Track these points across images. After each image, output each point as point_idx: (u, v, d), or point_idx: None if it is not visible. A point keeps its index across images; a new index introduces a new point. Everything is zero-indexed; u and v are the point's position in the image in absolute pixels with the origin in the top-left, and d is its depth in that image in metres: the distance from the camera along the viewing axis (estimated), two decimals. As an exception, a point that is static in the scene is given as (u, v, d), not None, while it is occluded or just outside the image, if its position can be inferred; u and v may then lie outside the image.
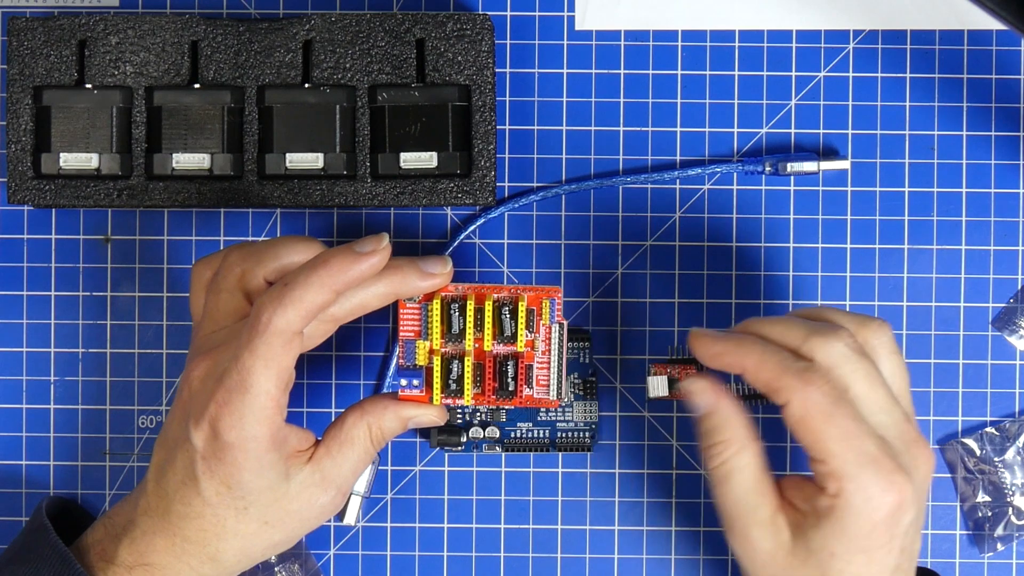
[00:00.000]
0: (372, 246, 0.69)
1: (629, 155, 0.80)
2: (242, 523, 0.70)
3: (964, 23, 0.80)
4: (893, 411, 0.68)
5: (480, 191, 0.78)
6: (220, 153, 0.78)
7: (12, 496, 0.80)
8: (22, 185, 0.78)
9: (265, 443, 0.69)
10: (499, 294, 0.73)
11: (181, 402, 0.71)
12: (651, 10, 0.80)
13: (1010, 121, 0.80)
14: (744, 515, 0.68)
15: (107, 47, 0.78)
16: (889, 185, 0.80)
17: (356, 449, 0.72)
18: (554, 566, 0.80)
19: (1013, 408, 0.80)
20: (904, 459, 0.67)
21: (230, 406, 0.68)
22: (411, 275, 0.71)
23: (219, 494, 0.69)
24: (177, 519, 0.70)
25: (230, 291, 0.71)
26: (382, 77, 0.78)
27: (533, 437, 0.78)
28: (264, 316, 0.67)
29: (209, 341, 0.71)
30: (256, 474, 0.69)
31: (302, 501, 0.71)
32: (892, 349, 0.70)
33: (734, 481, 0.69)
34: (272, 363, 0.68)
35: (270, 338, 0.67)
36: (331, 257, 0.68)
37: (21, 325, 0.80)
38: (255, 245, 0.72)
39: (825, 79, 0.80)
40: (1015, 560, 0.80)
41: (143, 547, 0.71)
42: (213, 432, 0.68)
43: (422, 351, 0.73)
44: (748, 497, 0.68)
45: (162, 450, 0.71)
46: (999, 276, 0.80)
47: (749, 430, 0.69)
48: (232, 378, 0.68)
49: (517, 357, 0.73)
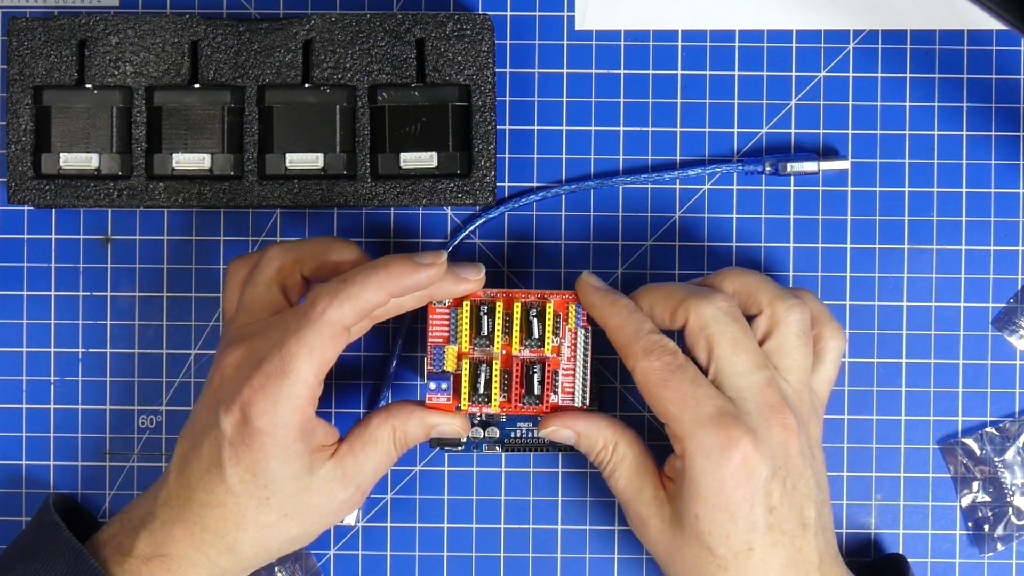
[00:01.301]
0: (432, 259, 0.71)
1: (629, 155, 0.80)
2: (263, 513, 0.71)
3: (964, 23, 0.80)
4: (752, 375, 0.70)
5: (480, 191, 0.78)
6: (220, 153, 0.78)
7: (12, 496, 0.80)
8: (22, 185, 0.78)
9: (294, 432, 0.69)
10: (526, 298, 0.74)
11: (211, 390, 0.71)
12: (651, 10, 0.80)
13: (1010, 121, 0.80)
14: (632, 499, 0.73)
15: (107, 47, 0.78)
16: (889, 185, 0.80)
17: (379, 450, 0.73)
18: (554, 566, 0.80)
19: (1013, 408, 0.80)
20: (753, 419, 0.70)
21: (265, 390, 0.68)
22: (447, 280, 0.72)
23: (243, 481, 0.70)
24: (198, 507, 0.71)
25: (267, 284, 0.73)
26: (382, 77, 0.78)
27: (533, 437, 0.78)
28: (320, 305, 0.69)
29: (244, 332, 0.72)
30: (282, 462, 0.70)
31: (322, 496, 0.71)
32: (798, 331, 0.72)
33: (618, 473, 0.73)
34: (317, 352, 0.69)
35: (321, 328, 0.69)
36: (392, 262, 0.70)
37: (21, 325, 0.80)
38: (296, 242, 0.74)
39: (825, 79, 0.80)
40: (1015, 560, 0.80)
41: (161, 537, 0.71)
42: (244, 417, 0.69)
43: (450, 356, 0.74)
44: (632, 481, 0.73)
45: (187, 440, 0.72)
46: (999, 276, 0.80)
47: (614, 427, 0.74)
48: (273, 363, 0.69)
49: (543, 363, 0.74)
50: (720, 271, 0.74)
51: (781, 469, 0.70)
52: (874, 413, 0.80)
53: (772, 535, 0.70)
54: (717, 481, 0.69)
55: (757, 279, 0.73)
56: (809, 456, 0.71)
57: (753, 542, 0.70)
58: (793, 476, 0.70)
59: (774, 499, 0.70)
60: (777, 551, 0.70)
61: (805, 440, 0.71)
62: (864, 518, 0.80)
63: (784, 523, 0.70)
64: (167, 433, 0.80)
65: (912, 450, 0.80)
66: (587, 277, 0.74)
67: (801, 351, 0.72)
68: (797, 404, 0.72)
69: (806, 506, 0.71)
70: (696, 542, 0.70)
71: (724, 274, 0.74)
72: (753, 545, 0.70)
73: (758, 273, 0.74)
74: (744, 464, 0.69)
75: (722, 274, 0.74)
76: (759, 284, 0.73)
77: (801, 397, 0.72)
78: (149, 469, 0.80)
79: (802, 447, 0.71)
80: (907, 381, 0.80)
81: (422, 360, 0.75)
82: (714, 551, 0.70)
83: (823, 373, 0.74)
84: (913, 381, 0.80)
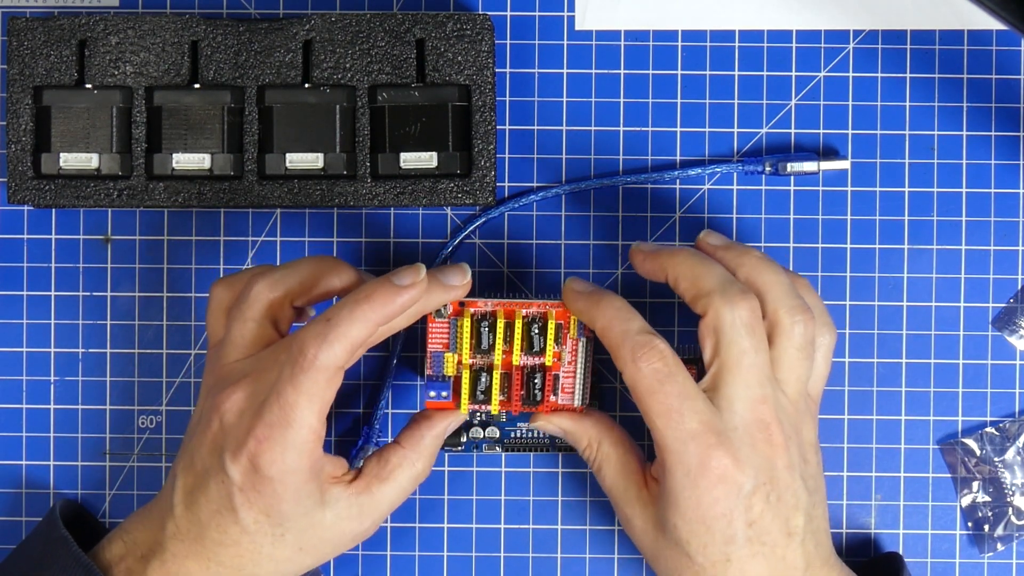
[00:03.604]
0: (411, 279, 0.69)
1: (629, 155, 0.80)
2: (278, 549, 0.70)
3: (964, 23, 0.80)
4: (750, 389, 0.70)
5: (480, 191, 0.78)
6: (220, 153, 0.78)
7: (12, 496, 0.80)
8: (22, 185, 0.78)
9: (305, 475, 0.69)
10: (528, 309, 0.74)
11: (211, 432, 0.70)
12: (651, 10, 0.80)
13: (1010, 121, 0.80)
14: (618, 497, 0.73)
15: (107, 47, 0.78)
16: (889, 185, 0.80)
17: (396, 488, 0.73)
18: (554, 566, 0.80)
19: (1013, 408, 0.80)
20: (738, 435, 0.69)
21: (271, 441, 0.68)
22: (434, 291, 0.72)
23: (257, 523, 0.69)
24: (212, 545, 0.70)
25: (257, 320, 0.71)
26: (382, 77, 0.78)
27: (533, 437, 0.78)
28: (310, 352, 0.68)
29: (236, 370, 0.71)
30: (295, 503, 0.69)
31: (336, 531, 0.71)
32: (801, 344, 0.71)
33: (603, 471, 0.74)
34: (316, 398, 0.68)
35: (315, 374, 0.68)
36: (373, 292, 0.69)
37: (21, 325, 0.80)
38: (281, 271, 0.72)
39: (825, 79, 0.80)
40: (1015, 560, 0.80)
41: (174, 570, 0.71)
42: (253, 467, 0.68)
43: (450, 363, 0.74)
44: (618, 480, 0.73)
45: (188, 476, 0.71)
46: (999, 276, 0.80)
47: (600, 425, 0.74)
48: (273, 413, 0.68)
49: (544, 369, 0.74)
50: (744, 252, 0.73)
51: (765, 484, 0.70)
52: (874, 413, 0.80)
53: (752, 547, 0.70)
54: (695, 498, 0.69)
55: (771, 279, 0.72)
56: (799, 464, 0.71)
57: (731, 554, 0.70)
58: (779, 489, 0.70)
59: (754, 513, 0.70)
60: (757, 561, 0.70)
61: (796, 450, 0.71)
62: (864, 518, 0.80)
63: (765, 535, 0.70)
64: (167, 433, 0.80)
65: (912, 450, 0.80)
66: (570, 283, 0.74)
67: (802, 364, 0.72)
68: (791, 415, 0.71)
69: (792, 516, 0.70)
70: (675, 547, 0.71)
71: (743, 259, 0.72)
72: (731, 556, 0.70)
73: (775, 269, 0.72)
74: (722, 482, 0.69)
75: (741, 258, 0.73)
76: (771, 286, 0.72)
77: (797, 407, 0.72)
78: (149, 469, 0.80)
79: (791, 459, 0.70)
80: (907, 381, 0.80)
81: (422, 360, 0.75)
82: (692, 559, 0.70)
83: (815, 372, 0.73)
84: (913, 381, 0.80)
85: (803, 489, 0.71)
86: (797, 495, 0.70)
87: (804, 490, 0.71)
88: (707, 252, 0.73)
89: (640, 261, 0.74)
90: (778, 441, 0.70)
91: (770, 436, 0.70)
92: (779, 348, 0.71)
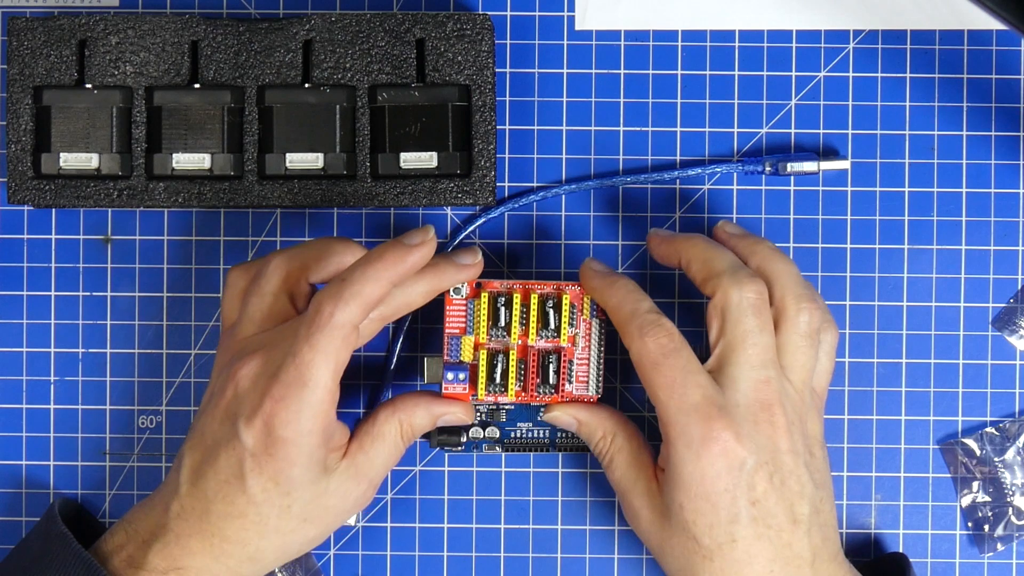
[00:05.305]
0: (420, 238, 0.71)
1: (629, 155, 0.80)
2: (284, 520, 0.71)
3: (964, 23, 0.80)
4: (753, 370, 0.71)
5: (480, 191, 0.78)
6: (220, 153, 0.78)
7: (12, 496, 0.80)
8: (22, 185, 0.78)
9: (318, 438, 0.70)
10: (543, 289, 0.75)
11: (223, 402, 0.71)
12: (651, 10, 0.80)
13: (1010, 121, 0.80)
14: (627, 490, 0.74)
15: (107, 47, 0.78)
16: (889, 185, 0.80)
17: (387, 444, 0.73)
18: (554, 566, 0.80)
19: (1013, 408, 0.80)
20: (740, 412, 0.70)
21: (286, 401, 0.68)
22: (448, 270, 0.74)
23: (265, 491, 0.70)
24: (217, 519, 0.70)
25: (275, 294, 0.73)
26: (382, 77, 0.78)
27: (533, 437, 0.78)
28: (326, 310, 0.69)
29: (252, 343, 0.72)
30: (305, 469, 0.70)
31: (338, 496, 0.72)
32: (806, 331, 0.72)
33: (615, 463, 0.74)
34: (331, 357, 0.69)
35: (332, 331, 0.69)
36: (385, 251, 0.70)
37: (21, 325, 0.80)
38: (298, 249, 0.74)
39: (825, 79, 0.80)
40: (1015, 560, 0.80)
41: (177, 551, 0.71)
42: (267, 428, 0.69)
43: (467, 346, 0.74)
44: (628, 472, 0.74)
45: (196, 452, 0.71)
46: (999, 276, 0.80)
47: (614, 418, 0.75)
48: (289, 373, 0.69)
49: (559, 353, 0.75)
50: (757, 242, 0.74)
51: (768, 464, 0.70)
52: (874, 413, 0.80)
53: (756, 528, 0.70)
54: (698, 471, 0.70)
55: (781, 268, 0.73)
56: (804, 453, 0.71)
57: (736, 534, 0.70)
58: (782, 472, 0.70)
59: (758, 492, 0.70)
60: (763, 544, 0.70)
61: (800, 438, 0.71)
62: (864, 518, 0.80)
63: (770, 517, 0.70)
64: (167, 433, 0.80)
65: (912, 450, 0.80)
66: (589, 262, 0.75)
67: (807, 352, 0.72)
68: (796, 403, 0.72)
69: (797, 502, 0.71)
70: (682, 532, 0.71)
71: (755, 248, 0.74)
72: (736, 537, 0.70)
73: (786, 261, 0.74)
74: (724, 455, 0.70)
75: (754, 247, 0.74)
76: (780, 275, 0.73)
77: (802, 396, 0.72)
78: (149, 469, 0.80)
79: (794, 444, 0.71)
80: (907, 381, 0.80)
81: (422, 360, 0.75)
82: (699, 541, 0.70)
83: (819, 367, 0.74)
84: (913, 381, 0.80)
85: (809, 480, 0.71)
86: (802, 482, 0.71)
87: (810, 481, 0.71)
88: (722, 240, 0.75)
89: (656, 244, 0.76)
90: (780, 423, 0.70)
91: (772, 417, 0.70)
92: (784, 335, 0.72)
